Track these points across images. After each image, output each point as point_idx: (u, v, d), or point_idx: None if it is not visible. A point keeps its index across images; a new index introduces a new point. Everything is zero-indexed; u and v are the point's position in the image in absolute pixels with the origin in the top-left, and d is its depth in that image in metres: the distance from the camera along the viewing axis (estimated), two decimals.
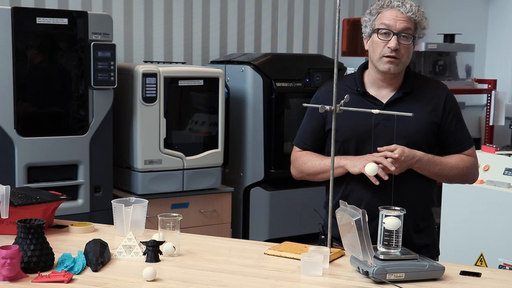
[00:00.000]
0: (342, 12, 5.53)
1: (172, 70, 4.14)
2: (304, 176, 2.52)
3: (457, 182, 2.50)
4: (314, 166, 2.44)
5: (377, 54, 2.36)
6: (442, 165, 2.37)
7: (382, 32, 2.34)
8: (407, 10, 2.33)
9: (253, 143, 4.48)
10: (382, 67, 2.36)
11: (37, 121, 3.72)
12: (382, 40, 2.34)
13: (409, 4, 2.34)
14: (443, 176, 2.41)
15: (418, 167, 2.33)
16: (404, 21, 2.33)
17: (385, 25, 2.33)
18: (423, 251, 2.23)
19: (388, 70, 2.35)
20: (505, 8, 6.60)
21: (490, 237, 3.70)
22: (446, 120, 2.40)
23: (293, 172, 2.56)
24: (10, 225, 2.27)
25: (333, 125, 2.18)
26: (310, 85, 4.52)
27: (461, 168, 2.41)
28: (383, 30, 2.34)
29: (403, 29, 2.33)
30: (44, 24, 3.62)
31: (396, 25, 2.32)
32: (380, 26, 2.35)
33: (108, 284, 1.89)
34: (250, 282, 1.94)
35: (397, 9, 2.33)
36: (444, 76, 5.66)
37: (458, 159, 2.41)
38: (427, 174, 2.37)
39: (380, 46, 2.35)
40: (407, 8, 2.33)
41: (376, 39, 2.35)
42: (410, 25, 2.34)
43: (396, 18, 2.33)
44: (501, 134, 6.24)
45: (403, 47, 2.33)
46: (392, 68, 2.35)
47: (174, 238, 2.19)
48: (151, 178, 4.05)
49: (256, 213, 4.53)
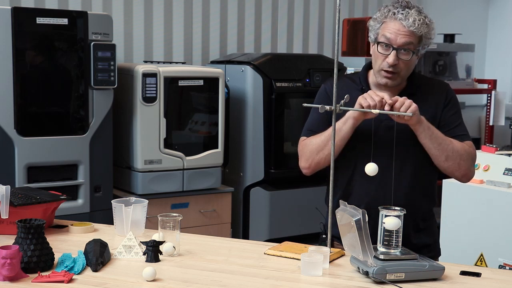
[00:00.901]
0: (342, 12, 5.53)
1: (172, 70, 4.14)
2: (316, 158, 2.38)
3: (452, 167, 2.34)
4: (316, 143, 2.36)
5: (377, 66, 2.34)
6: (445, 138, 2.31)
7: (382, 45, 2.31)
8: (409, 24, 2.26)
9: (253, 143, 4.48)
10: (380, 80, 2.35)
11: (37, 121, 3.72)
12: (382, 53, 2.31)
13: (412, 18, 2.26)
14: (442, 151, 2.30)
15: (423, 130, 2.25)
16: (406, 35, 2.27)
17: (386, 38, 2.29)
18: (424, 251, 2.23)
19: (385, 84, 2.34)
20: (505, 8, 6.60)
21: (490, 237, 3.71)
22: (444, 111, 2.39)
23: (304, 164, 2.43)
24: (10, 225, 2.27)
25: (333, 125, 2.18)
26: (310, 85, 4.52)
27: (460, 150, 2.33)
28: (383, 43, 2.30)
29: (403, 44, 2.28)
30: (44, 24, 3.62)
31: (396, 40, 2.27)
32: (381, 38, 2.31)
33: (108, 284, 1.89)
34: (250, 282, 1.94)
35: (400, 22, 2.27)
36: (444, 76, 5.67)
37: (459, 143, 2.35)
38: (428, 143, 2.28)
39: (379, 59, 2.32)
40: (409, 22, 2.25)
41: (376, 51, 2.33)
42: (412, 39, 2.28)
43: (398, 32, 2.27)
44: (501, 134, 6.24)
45: (402, 62, 2.30)
46: (390, 82, 2.33)
47: (174, 238, 2.19)
48: (151, 178, 4.05)
49: (256, 213, 4.53)
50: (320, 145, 2.36)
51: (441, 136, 2.31)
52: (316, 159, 2.38)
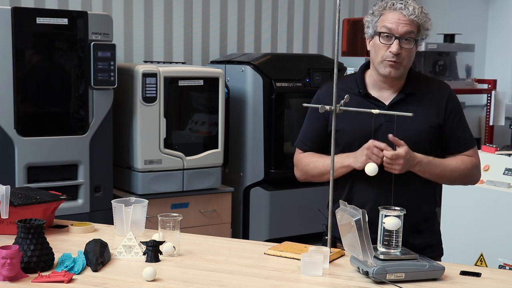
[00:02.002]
0: (342, 12, 5.53)
1: (172, 70, 4.14)
2: (309, 178, 2.49)
3: (459, 184, 2.48)
4: (317, 168, 2.43)
5: (379, 57, 2.33)
6: (443, 166, 2.35)
7: (384, 36, 2.31)
8: (409, 12, 2.28)
9: (253, 143, 4.48)
10: (383, 70, 2.34)
11: (37, 121, 3.72)
12: (384, 43, 2.30)
13: (412, 7, 2.29)
14: (444, 178, 2.39)
15: (419, 170, 2.30)
16: (407, 24, 2.29)
17: (387, 28, 2.29)
18: (427, 251, 2.23)
19: (389, 74, 2.33)
20: (505, 8, 6.60)
21: (490, 237, 3.70)
22: (448, 119, 2.39)
23: (297, 174, 2.53)
24: (10, 225, 2.27)
25: (333, 125, 2.17)
26: (310, 85, 4.52)
27: (462, 170, 2.38)
28: (385, 34, 2.30)
29: (405, 33, 2.29)
30: (44, 24, 3.62)
31: (398, 29, 2.28)
32: (382, 29, 2.31)
33: (108, 284, 1.89)
34: (250, 282, 1.94)
35: (400, 12, 2.29)
36: (444, 76, 5.67)
37: (459, 161, 2.38)
38: (428, 176, 2.34)
39: (381, 50, 2.32)
40: (409, 10, 2.28)
41: (378, 42, 2.32)
42: (413, 28, 2.29)
43: (399, 21, 2.29)
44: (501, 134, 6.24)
45: (405, 51, 2.30)
46: (393, 72, 2.33)
47: (174, 238, 2.19)
48: (151, 178, 4.05)
49: (256, 213, 4.53)
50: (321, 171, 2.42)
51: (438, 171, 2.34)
52: (313, 179, 2.51)
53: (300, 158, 2.50)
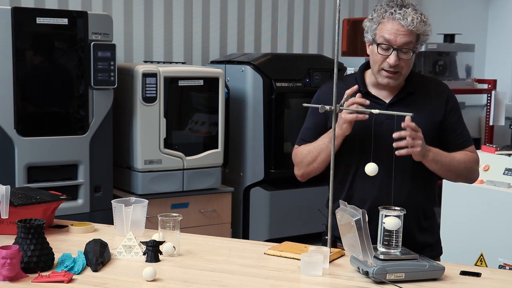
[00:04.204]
0: (342, 12, 5.53)
1: (172, 70, 4.14)
2: (306, 169, 2.43)
3: (463, 179, 2.45)
4: (310, 152, 2.39)
5: (377, 66, 2.33)
6: (450, 157, 2.34)
7: (382, 47, 2.29)
8: (408, 23, 2.24)
9: (253, 143, 4.48)
10: (381, 80, 2.34)
11: (37, 121, 3.72)
12: (382, 54, 2.29)
13: (410, 17, 2.25)
14: (452, 171, 2.36)
15: (432, 159, 2.28)
16: (405, 35, 2.26)
17: (385, 39, 2.27)
18: (426, 250, 2.23)
19: (387, 84, 2.33)
20: (505, 8, 6.60)
21: (490, 237, 3.70)
22: (448, 117, 2.40)
23: (297, 172, 2.49)
24: (10, 225, 2.27)
25: (333, 125, 2.18)
26: (310, 85, 4.52)
27: (466, 163, 2.38)
28: (383, 45, 2.28)
29: (403, 44, 2.27)
30: (44, 24, 3.62)
31: (396, 40, 2.26)
32: (380, 40, 2.29)
33: (108, 284, 1.89)
34: (250, 282, 1.94)
35: (398, 22, 2.25)
36: (444, 76, 5.67)
37: (462, 154, 2.39)
38: (438, 167, 2.32)
39: (379, 60, 2.31)
40: (408, 21, 2.24)
41: (376, 51, 2.31)
42: (411, 38, 2.27)
43: (397, 32, 2.26)
44: (501, 134, 6.24)
45: (403, 61, 2.29)
46: (392, 82, 2.32)
47: (174, 238, 2.19)
48: (151, 178, 4.05)
49: (256, 213, 4.53)
50: (314, 154, 2.39)
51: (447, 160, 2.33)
52: (307, 170, 2.44)
53: (296, 153, 2.48)
